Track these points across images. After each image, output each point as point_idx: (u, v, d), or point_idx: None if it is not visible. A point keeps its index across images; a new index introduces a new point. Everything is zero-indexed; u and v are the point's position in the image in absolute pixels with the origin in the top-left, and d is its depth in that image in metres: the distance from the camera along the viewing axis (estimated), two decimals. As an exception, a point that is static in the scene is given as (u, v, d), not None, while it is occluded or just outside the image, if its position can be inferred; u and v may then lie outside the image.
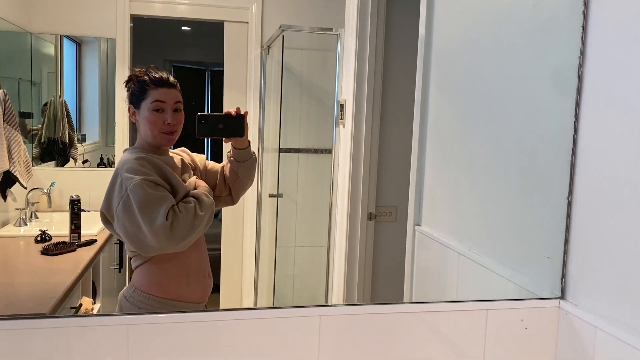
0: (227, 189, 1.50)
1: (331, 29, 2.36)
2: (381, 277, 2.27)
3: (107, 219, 1.33)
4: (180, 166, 1.45)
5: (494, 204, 1.31)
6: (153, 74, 1.38)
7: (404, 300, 1.74)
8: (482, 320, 1.08)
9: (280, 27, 2.43)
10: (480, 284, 1.33)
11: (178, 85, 1.40)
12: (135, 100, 1.38)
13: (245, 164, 1.48)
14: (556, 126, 1.11)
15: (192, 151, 1.55)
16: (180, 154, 1.49)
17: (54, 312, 1.52)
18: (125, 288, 1.43)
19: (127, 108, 1.40)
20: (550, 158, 1.13)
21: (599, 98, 1.01)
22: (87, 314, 1.85)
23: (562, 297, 1.09)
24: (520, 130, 1.22)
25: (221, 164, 1.54)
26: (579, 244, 1.06)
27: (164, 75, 1.39)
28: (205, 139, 2.83)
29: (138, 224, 1.26)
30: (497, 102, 1.30)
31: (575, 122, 1.06)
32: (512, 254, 1.24)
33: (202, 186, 1.44)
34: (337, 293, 2.32)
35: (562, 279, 1.09)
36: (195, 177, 1.47)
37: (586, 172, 1.04)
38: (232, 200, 1.51)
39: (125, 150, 1.40)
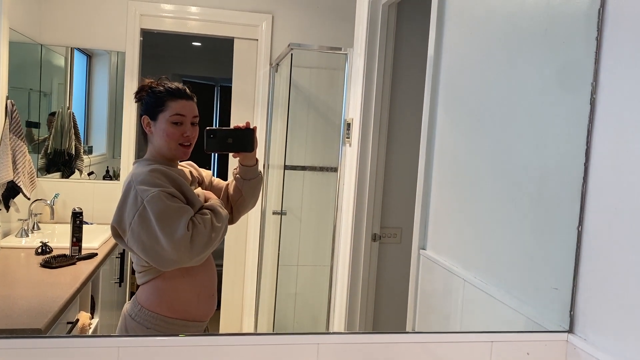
0: (229, 207, 1.48)
1: (340, 48, 2.36)
2: (384, 298, 2.24)
3: (118, 233, 1.30)
4: (190, 178, 1.43)
5: (501, 231, 1.27)
6: (169, 85, 1.36)
7: (407, 327, 1.70)
8: (486, 352, 1.04)
9: (289, 45, 2.43)
10: (486, 313, 1.30)
11: (194, 97, 1.38)
12: (151, 111, 1.35)
13: (251, 182, 1.45)
14: (567, 154, 1.09)
15: (200, 165, 1.53)
16: (188, 167, 1.47)
17: (50, 327, 1.49)
18: (129, 305, 1.39)
19: (141, 119, 1.36)
20: (561, 186, 1.10)
21: (612, 126, 0.99)
22: (75, 335, 1.82)
23: (571, 330, 1.06)
24: (530, 157, 1.19)
25: (226, 182, 1.52)
26: (588, 276, 1.02)
27: (181, 86, 1.37)
28: (213, 155, 2.83)
29: (156, 236, 1.23)
30: (506, 127, 1.28)
31: (586, 150, 1.03)
32: (519, 283, 1.20)
33: (214, 198, 1.42)
34: (339, 314, 2.28)
35: (570, 312, 1.05)
36: (199, 188, 1.45)
37: (597, 202, 1.01)
38: (232, 219, 1.48)
39: (135, 162, 1.38)
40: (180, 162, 1.43)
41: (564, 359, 1.05)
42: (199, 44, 3.49)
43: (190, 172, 1.46)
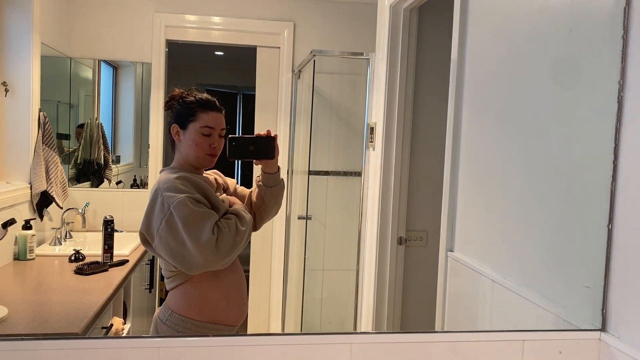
0: (252, 214, 1.51)
1: (362, 54, 2.38)
2: (411, 302, 2.24)
3: (146, 240, 1.34)
4: (215, 185, 1.47)
5: (530, 231, 1.28)
6: (200, 96, 1.40)
7: (436, 328, 1.70)
8: (518, 352, 1.04)
9: (311, 51, 2.46)
10: (516, 314, 1.30)
11: (223, 110, 1.42)
12: (181, 120, 1.39)
13: (273, 189, 1.48)
14: (595, 152, 1.09)
15: (223, 172, 1.56)
16: (213, 175, 1.50)
17: (86, 332, 1.54)
18: (160, 310, 1.42)
19: (170, 127, 1.41)
20: (590, 185, 1.10)
21: (640, 123, 0.99)
22: (118, 336, 1.86)
23: (603, 329, 1.05)
24: (557, 156, 1.19)
25: (250, 190, 1.55)
26: (620, 273, 1.02)
27: (211, 98, 1.41)
28: (236, 162, 2.87)
29: (182, 241, 1.27)
30: (533, 127, 1.28)
31: (615, 147, 1.03)
32: (549, 282, 1.20)
33: (238, 203, 1.45)
34: (366, 318, 2.28)
35: (602, 310, 1.05)
36: (224, 195, 1.48)
37: (627, 199, 1.01)
38: (255, 226, 1.51)
39: (162, 170, 1.42)
40: (205, 170, 1.47)
41: (597, 358, 1.05)
42: (222, 53, 3.55)
43: (215, 179, 1.49)
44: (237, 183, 1.58)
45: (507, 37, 1.40)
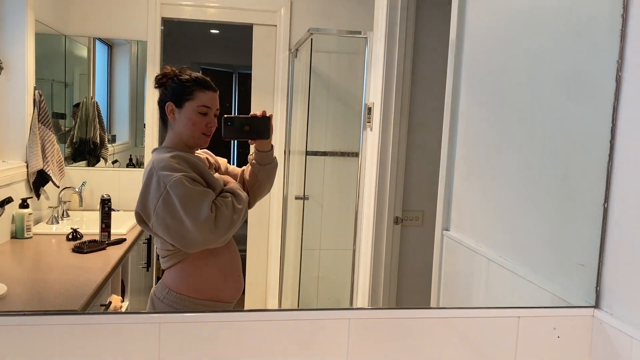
0: (245, 192, 1.51)
1: (360, 32, 2.36)
2: (407, 281, 2.26)
3: (142, 219, 1.34)
4: (208, 164, 1.47)
5: (526, 210, 1.29)
6: (195, 75, 1.39)
7: (432, 306, 1.72)
8: (513, 328, 1.06)
9: (308, 30, 2.44)
10: (511, 291, 1.31)
11: (217, 91, 1.42)
12: (177, 98, 1.38)
13: (267, 167, 1.49)
14: (592, 132, 1.09)
15: (219, 151, 1.56)
16: (204, 154, 1.51)
17: (85, 309, 1.55)
18: (156, 288, 1.43)
19: (165, 105, 1.39)
20: (586, 164, 1.11)
21: (638, 103, 0.99)
22: (119, 312, 1.88)
23: (597, 306, 1.07)
24: (554, 135, 1.20)
25: (241, 168, 1.56)
26: (615, 252, 1.04)
27: (206, 78, 1.41)
28: (232, 142, 2.87)
29: (180, 219, 1.27)
30: (531, 107, 1.28)
31: (612, 127, 1.04)
32: (544, 261, 1.22)
33: (232, 182, 1.46)
34: (362, 296, 2.31)
35: (596, 287, 1.07)
36: (217, 174, 1.49)
37: (623, 179, 1.02)
38: (249, 204, 1.52)
39: (155, 150, 1.41)
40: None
41: (590, 334, 1.07)
42: (217, 31, 3.51)
43: (207, 158, 1.50)
44: (232, 162, 1.58)
45: (506, 16, 1.39)
